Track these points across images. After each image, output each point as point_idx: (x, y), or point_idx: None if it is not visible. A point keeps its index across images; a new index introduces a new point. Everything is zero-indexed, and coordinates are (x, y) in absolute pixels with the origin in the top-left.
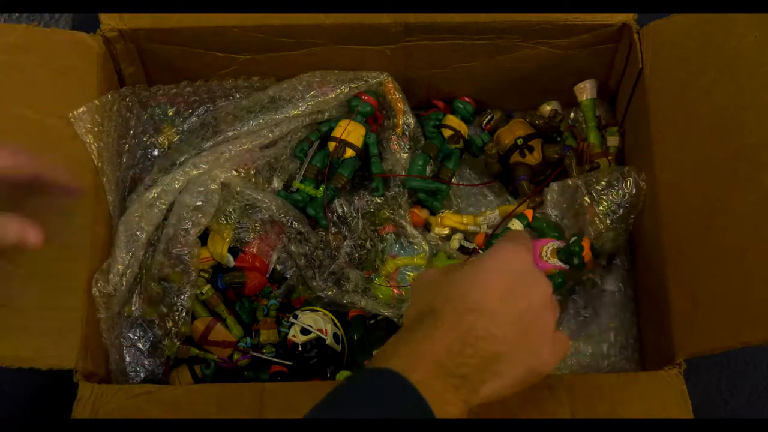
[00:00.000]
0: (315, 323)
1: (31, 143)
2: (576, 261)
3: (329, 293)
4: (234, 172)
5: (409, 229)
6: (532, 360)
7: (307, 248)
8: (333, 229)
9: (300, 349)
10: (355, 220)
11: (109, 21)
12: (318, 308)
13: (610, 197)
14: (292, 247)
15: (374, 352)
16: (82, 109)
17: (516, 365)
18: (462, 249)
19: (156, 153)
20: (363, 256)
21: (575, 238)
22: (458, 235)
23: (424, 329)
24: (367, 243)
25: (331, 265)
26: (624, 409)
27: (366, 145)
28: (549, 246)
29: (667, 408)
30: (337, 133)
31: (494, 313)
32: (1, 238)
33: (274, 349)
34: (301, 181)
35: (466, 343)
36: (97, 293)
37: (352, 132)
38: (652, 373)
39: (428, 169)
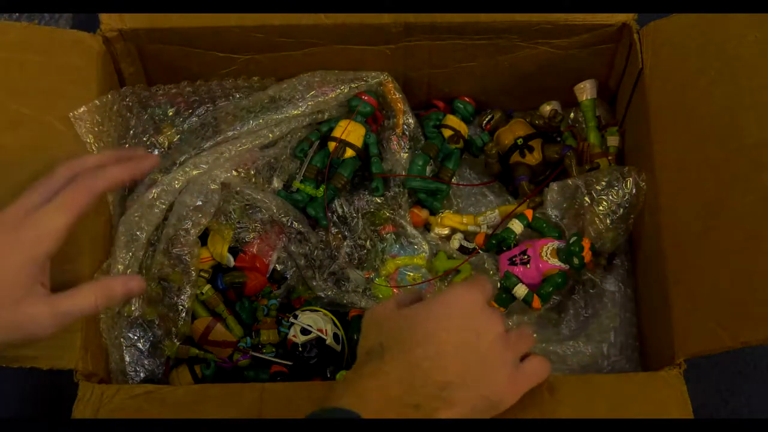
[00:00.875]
0: (315, 323)
1: (31, 142)
2: (576, 261)
3: (329, 293)
4: (234, 172)
5: (409, 229)
6: (486, 390)
7: (307, 248)
8: (333, 229)
9: (300, 349)
10: (355, 220)
11: (109, 21)
12: (318, 308)
13: (610, 197)
14: (292, 247)
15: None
16: (82, 108)
17: (468, 394)
18: (462, 249)
19: (156, 153)
20: (363, 256)
21: (575, 238)
22: (458, 235)
23: (373, 365)
24: (367, 243)
25: (331, 265)
26: (624, 409)
27: (366, 145)
28: (549, 246)
29: (667, 409)
30: (337, 133)
31: (442, 344)
32: (112, 299)
33: (274, 349)
34: (301, 181)
35: (416, 375)
36: None
37: (352, 132)
38: (652, 374)
39: (428, 169)
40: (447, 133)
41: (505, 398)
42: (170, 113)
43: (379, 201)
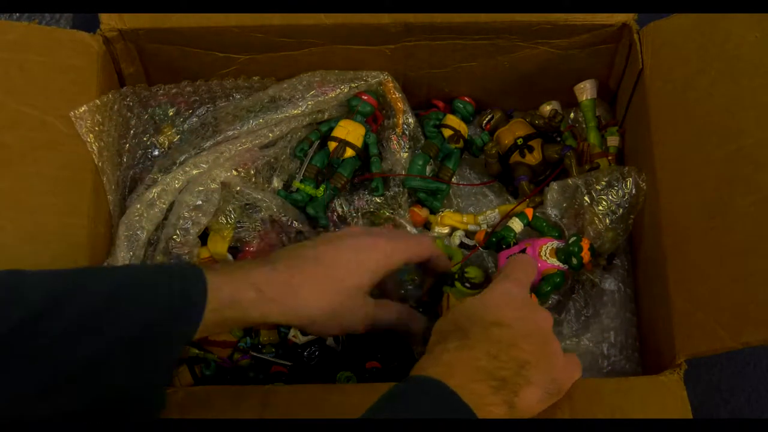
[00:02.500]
0: None
1: (32, 141)
2: (575, 262)
3: None
4: (234, 172)
5: (409, 228)
6: (554, 373)
7: None
8: (333, 229)
9: (300, 349)
10: (355, 220)
11: (109, 21)
12: None
13: (610, 197)
14: None
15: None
16: (83, 108)
17: (542, 373)
18: (462, 245)
19: (156, 153)
20: None
21: (574, 238)
22: (459, 232)
23: (457, 340)
24: None
25: None
26: (623, 414)
27: (366, 145)
28: (548, 246)
29: (666, 414)
30: (337, 133)
31: (514, 327)
32: (409, 321)
33: (273, 350)
34: (301, 181)
35: (500, 350)
36: None
37: (352, 132)
38: (652, 379)
39: (428, 168)
40: (447, 132)
41: (564, 384)
42: (170, 113)
43: (379, 201)
